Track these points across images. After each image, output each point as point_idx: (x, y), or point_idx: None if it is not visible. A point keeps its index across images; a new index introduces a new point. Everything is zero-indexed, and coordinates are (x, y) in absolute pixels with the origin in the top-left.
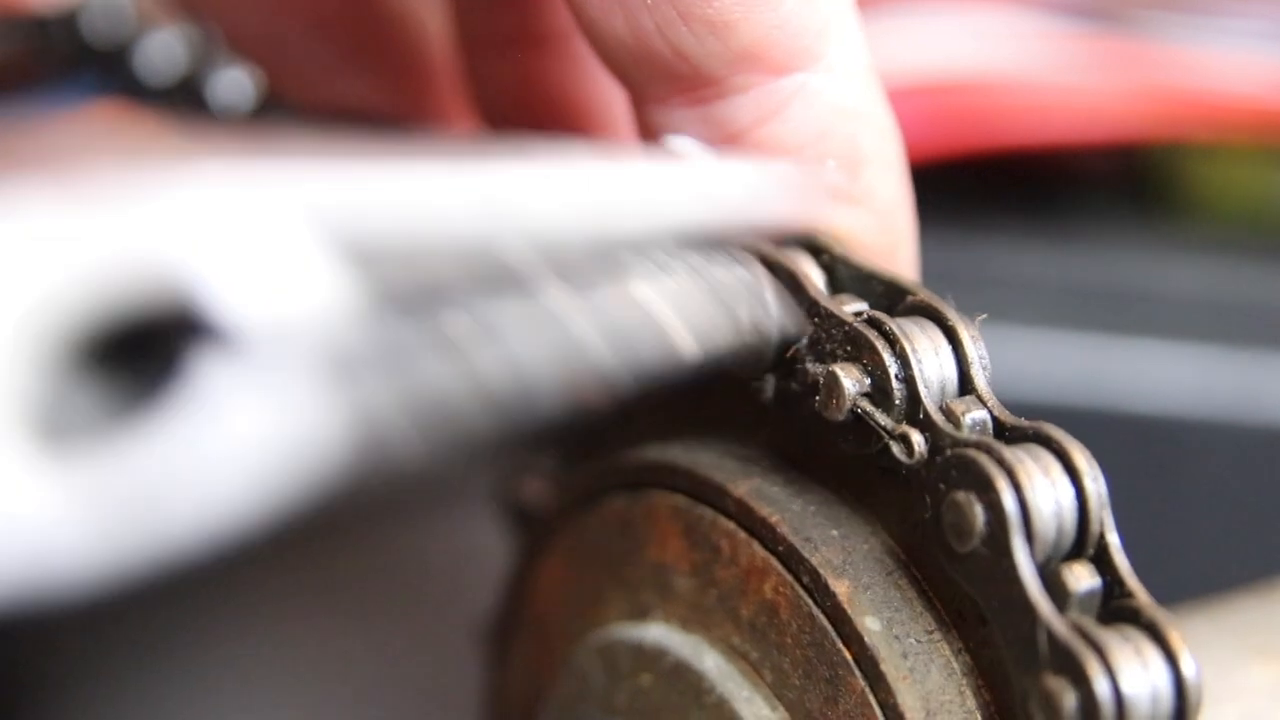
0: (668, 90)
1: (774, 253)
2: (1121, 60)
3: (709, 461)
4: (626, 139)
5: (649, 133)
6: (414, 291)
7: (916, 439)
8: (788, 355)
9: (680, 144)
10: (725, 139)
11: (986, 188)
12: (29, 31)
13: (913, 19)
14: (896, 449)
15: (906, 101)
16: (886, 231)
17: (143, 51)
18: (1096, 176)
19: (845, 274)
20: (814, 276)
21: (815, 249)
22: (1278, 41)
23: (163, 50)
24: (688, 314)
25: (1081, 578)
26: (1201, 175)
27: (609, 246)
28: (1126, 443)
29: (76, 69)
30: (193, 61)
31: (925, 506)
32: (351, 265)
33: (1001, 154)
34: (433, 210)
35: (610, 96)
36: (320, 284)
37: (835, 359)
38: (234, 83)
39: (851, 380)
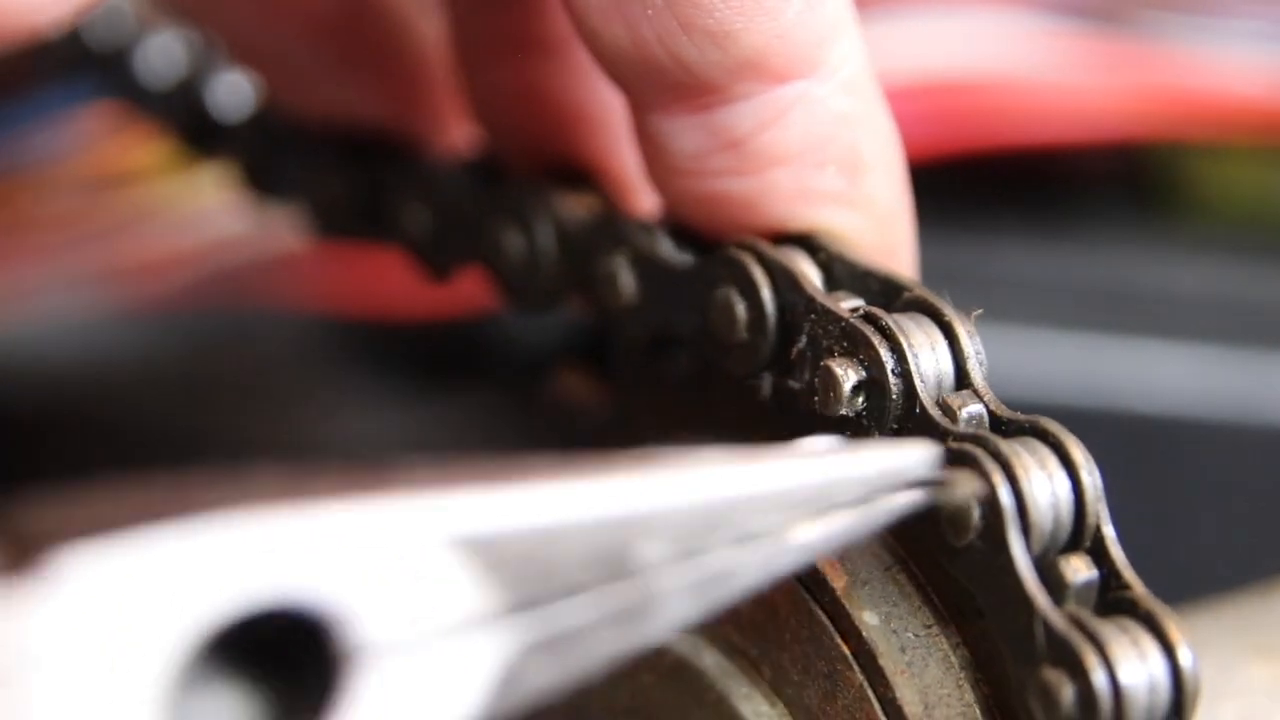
0: (668, 98)
1: (770, 250)
2: (1122, 60)
3: None
4: (624, 144)
5: (648, 140)
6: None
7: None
8: (785, 354)
9: (814, 444)
10: (726, 146)
11: (987, 187)
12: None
13: (913, 19)
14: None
15: (906, 101)
16: (886, 236)
17: (142, 55)
18: (1097, 176)
19: (842, 271)
20: (811, 274)
21: (812, 247)
22: (1278, 41)
23: (162, 54)
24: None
25: (1078, 570)
26: (1202, 175)
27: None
28: (1126, 442)
29: (76, 72)
30: (192, 66)
31: None
32: (491, 573)
33: (1001, 154)
34: (565, 517)
35: (609, 104)
36: (463, 593)
37: (831, 355)
38: (233, 87)
39: (847, 375)
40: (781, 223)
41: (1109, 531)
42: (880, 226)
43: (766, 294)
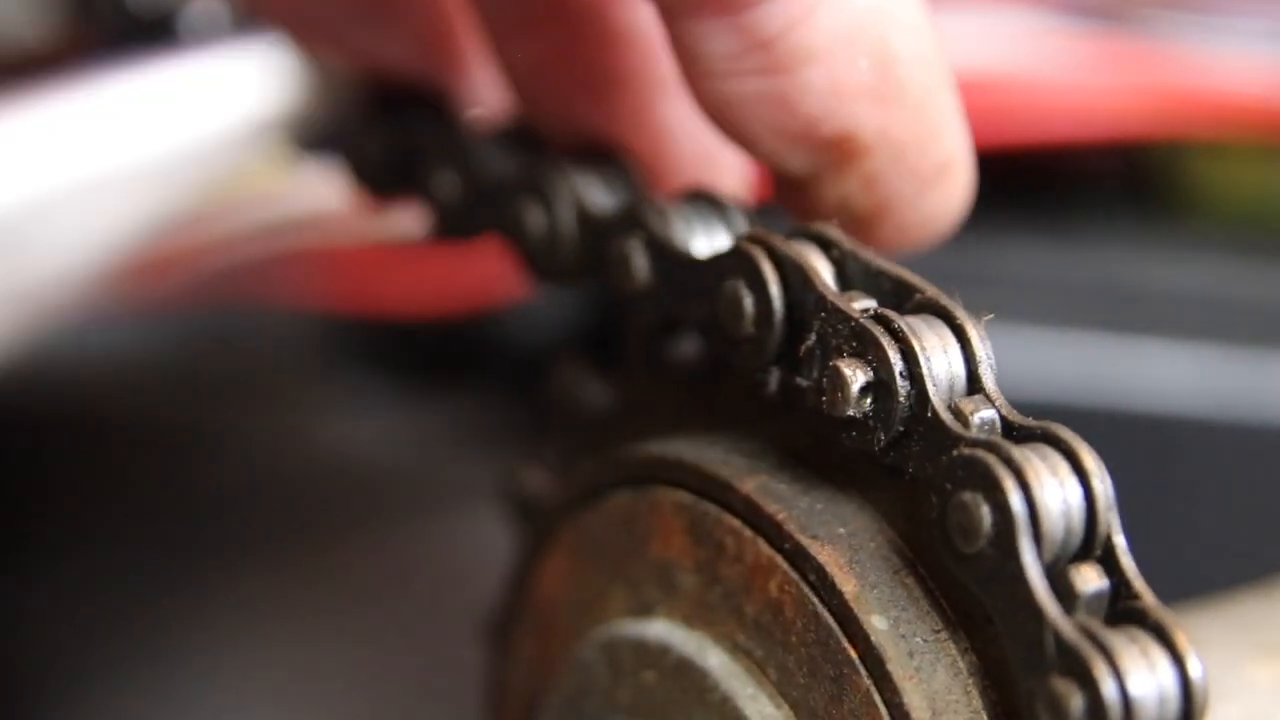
0: (698, 3)
1: (782, 245)
2: (1124, 59)
3: (714, 457)
4: (651, 120)
5: (680, 47)
6: None
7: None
8: (794, 351)
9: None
10: (757, 46)
11: (989, 186)
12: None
13: None
14: None
15: None
16: (919, 123)
17: (186, 19)
18: (1099, 175)
19: (855, 270)
20: (823, 270)
21: (826, 243)
22: (1278, 41)
23: (206, 18)
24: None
25: (1089, 579)
26: (1204, 174)
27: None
28: (1127, 442)
29: (121, 39)
30: (236, 28)
31: (931, 506)
32: None
33: (1004, 152)
34: None
35: (633, 78)
36: None
37: (841, 355)
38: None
39: (856, 376)
40: (816, 121)
41: (1120, 541)
42: (913, 114)
43: (775, 289)
